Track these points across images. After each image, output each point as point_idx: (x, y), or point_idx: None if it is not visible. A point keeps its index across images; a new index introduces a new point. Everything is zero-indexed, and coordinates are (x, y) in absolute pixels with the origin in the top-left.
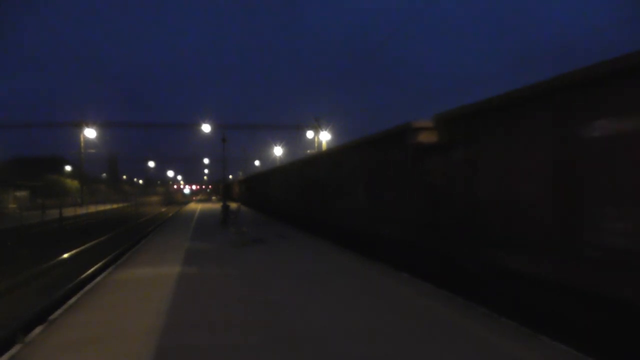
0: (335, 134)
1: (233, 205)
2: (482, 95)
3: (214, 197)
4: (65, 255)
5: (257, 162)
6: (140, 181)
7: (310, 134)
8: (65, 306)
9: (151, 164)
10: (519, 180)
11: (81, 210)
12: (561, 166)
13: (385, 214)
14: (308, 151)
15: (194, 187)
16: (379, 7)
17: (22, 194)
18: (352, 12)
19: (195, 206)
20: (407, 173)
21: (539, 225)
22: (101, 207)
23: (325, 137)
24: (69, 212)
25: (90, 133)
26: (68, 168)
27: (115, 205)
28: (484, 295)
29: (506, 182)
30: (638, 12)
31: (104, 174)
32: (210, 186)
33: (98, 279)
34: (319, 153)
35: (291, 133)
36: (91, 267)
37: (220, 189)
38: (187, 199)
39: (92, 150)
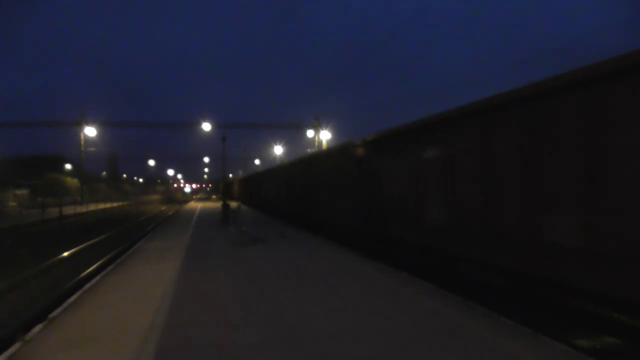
0: (336, 133)
1: (233, 204)
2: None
3: (214, 196)
4: (65, 254)
5: (257, 161)
6: (141, 180)
7: (310, 133)
8: (65, 304)
9: (151, 162)
10: (399, 184)
11: (81, 209)
12: (415, 176)
13: (344, 209)
14: (308, 150)
15: (193, 185)
16: (381, 6)
17: (22, 192)
18: (354, 11)
19: (195, 205)
20: (350, 178)
21: (409, 212)
22: (101, 206)
23: (325, 136)
24: (69, 210)
25: (90, 132)
26: (68, 167)
27: (115, 204)
28: (390, 258)
29: (395, 184)
30: (637, 13)
31: (104, 173)
32: (210, 185)
33: (98, 277)
34: (309, 155)
35: (292, 132)
36: (90, 267)
37: (220, 188)
38: (188, 197)
39: (93, 149)
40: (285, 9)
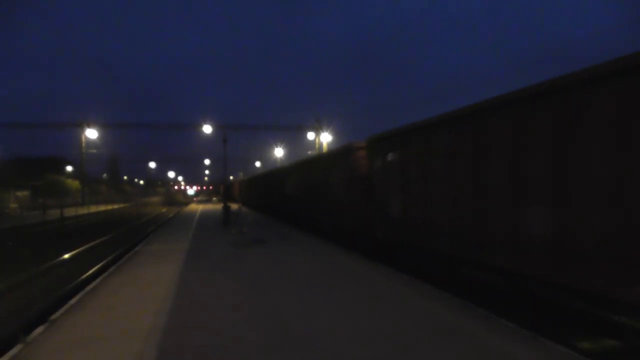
0: (338, 134)
1: (234, 206)
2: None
3: (214, 198)
4: (66, 256)
5: (257, 163)
6: (141, 182)
7: (311, 135)
8: (66, 305)
9: (152, 164)
10: (306, 192)
11: (82, 210)
12: (311, 188)
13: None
14: (309, 152)
15: (195, 187)
16: (383, 7)
17: (23, 193)
18: (356, 12)
19: (196, 207)
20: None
21: (335, 207)
22: (102, 207)
23: (326, 138)
24: (69, 212)
25: (91, 133)
26: (69, 168)
27: (116, 206)
28: (340, 240)
29: (309, 193)
30: (638, 14)
31: (105, 174)
32: (211, 187)
33: (99, 279)
34: (303, 159)
35: (292, 134)
36: (91, 269)
37: (221, 189)
38: (189, 199)
39: (93, 151)
40: (288, 11)
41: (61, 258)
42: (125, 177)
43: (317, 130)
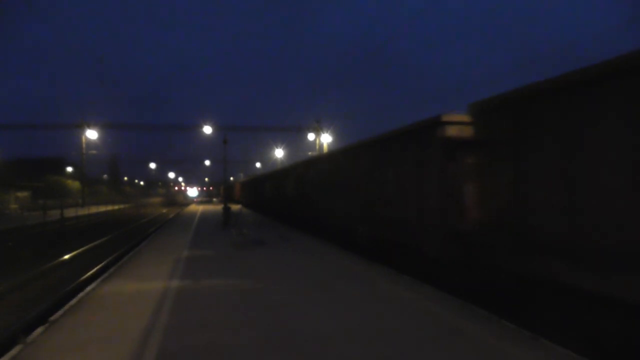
0: (338, 135)
1: (235, 207)
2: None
3: (214, 199)
4: (67, 257)
5: (258, 164)
6: (142, 182)
7: (311, 136)
8: (66, 306)
9: (152, 165)
10: (292, 194)
11: (82, 211)
12: (278, 195)
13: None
14: (310, 153)
15: (195, 188)
16: (383, 8)
17: (23, 194)
18: (356, 14)
19: (197, 208)
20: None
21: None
22: (102, 208)
23: (326, 139)
24: (69, 213)
25: (91, 134)
26: (69, 169)
27: (116, 207)
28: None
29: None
30: (638, 14)
31: (105, 175)
32: (211, 188)
33: (99, 280)
34: (301, 161)
35: (293, 135)
36: (91, 270)
37: (221, 190)
38: (190, 200)
39: (94, 152)
40: (288, 13)
41: (61, 259)
42: (125, 178)
43: (318, 132)
